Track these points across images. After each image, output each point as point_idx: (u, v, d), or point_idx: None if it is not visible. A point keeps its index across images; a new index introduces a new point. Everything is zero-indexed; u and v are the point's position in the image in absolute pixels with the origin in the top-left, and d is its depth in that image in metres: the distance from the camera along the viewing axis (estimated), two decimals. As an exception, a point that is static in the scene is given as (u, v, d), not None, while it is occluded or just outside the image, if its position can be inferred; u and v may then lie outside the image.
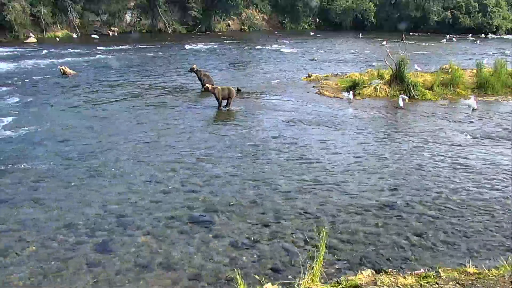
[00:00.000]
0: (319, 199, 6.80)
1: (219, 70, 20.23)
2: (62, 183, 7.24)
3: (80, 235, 5.66)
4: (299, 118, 11.70)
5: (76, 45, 29.63)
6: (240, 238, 5.64)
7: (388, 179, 7.67)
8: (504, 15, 52.18)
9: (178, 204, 6.57)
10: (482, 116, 12.30)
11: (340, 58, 26.16)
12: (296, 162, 8.41)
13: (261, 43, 34.18)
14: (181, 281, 4.79)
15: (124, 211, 6.33)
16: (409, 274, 4.22)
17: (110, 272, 4.90)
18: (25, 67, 19.74)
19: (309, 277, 3.96)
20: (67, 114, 11.87)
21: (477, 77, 15.83)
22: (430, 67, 19.78)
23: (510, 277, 3.92)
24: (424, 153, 9.07)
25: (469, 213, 6.38)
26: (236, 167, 8.12)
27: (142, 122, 11.21)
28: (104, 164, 8.12)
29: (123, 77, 18.07)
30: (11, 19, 31.48)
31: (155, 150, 8.99)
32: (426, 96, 14.59)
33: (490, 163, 8.46)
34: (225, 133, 10.48)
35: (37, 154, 8.58)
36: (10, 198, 6.69)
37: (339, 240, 5.60)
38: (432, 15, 51.43)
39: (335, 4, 52.09)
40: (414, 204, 6.66)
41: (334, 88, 15.83)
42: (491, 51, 30.36)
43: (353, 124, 11.37)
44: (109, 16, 40.13)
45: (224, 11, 46.12)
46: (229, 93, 12.76)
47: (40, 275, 4.84)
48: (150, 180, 7.45)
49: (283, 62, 23.73)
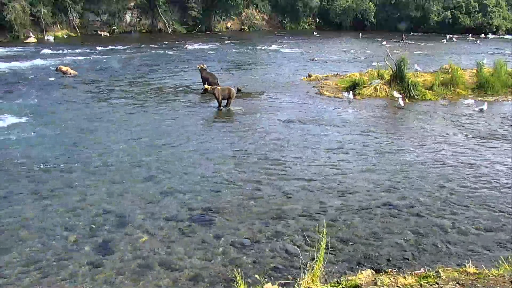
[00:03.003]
0: (319, 199, 6.79)
1: (219, 70, 20.20)
2: (62, 183, 7.24)
3: (80, 235, 5.66)
4: (299, 118, 11.70)
5: (76, 45, 29.62)
6: (240, 238, 5.64)
7: (388, 178, 7.66)
8: (504, 15, 52.18)
9: (178, 204, 6.57)
10: (481, 116, 12.30)
11: (340, 58, 26.16)
12: (296, 162, 8.41)
13: (261, 43, 34.17)
14: (181, 281, 4.79)
15: (124, 211, 6.33)
16: (409, 274, 4.22)
17: (110, 272, 4.90)
18: (25, 67, 19.73)
19: (309, 277, 3.96)
20: (67, 113, 11.86)
21: (477, 77, 15.83)
22: (430, 67, 19.77)
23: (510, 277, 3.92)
24: (424, 152, 9.07)
25: (469, 213, 6.38)
26: (236, 167, 8.11)
27: (142, 122, 11.21)
28: (104, 164, 8.12)
29: (123, 77, 18.07)
30: (11, 19, 31.47)
31: (155, 150, 8.98)
32: (426, 96, 14.59)
33: (490, 162, 8.46)
34: (225, 133, 10.48)
35: (37, 153, 8.57)
36: (10, 197, 6.69)
37: (339, 240, 5.60)
38: (432, 15, 51.44)
39: (335, 4, 52.11)
40: (414, 204, 6.66)
41: (334, 88, 15.83)
42: (491, 51, 30.34)
43: (353, 124, 11.37)
44: (109, 16, 40.13)
45: (224, 11, 46.15)
46: (229, 93, 12.76)
47: (40, 275, 4.84)
48: (150, 180, 7.45)
49: (283, 62, 23.73)
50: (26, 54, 24.23)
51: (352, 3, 51.68)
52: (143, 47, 29.70)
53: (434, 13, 51.49)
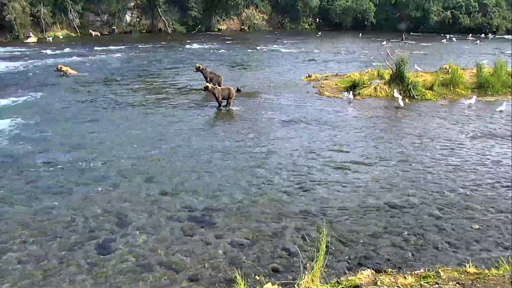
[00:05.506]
0: (319, 199, 6.79)
1: (219, 70, 20.20)
2: (62, 183, 7.25)
3: (80, 235, 5.66)
4: (299, 118, 11.70)
5: (76, 45, 29.63)
6: (240, 238, 5.64)
7: (388, 178, 7.66)
8: (504, 15, 52.13)
9: (178, 204, 6.57)
10: (482, 116, 12.29)
11: (340, 58, 26.16)
12: (296, 161, 8.41)
13: (261, 43, 34.16)
14: (181, 281, 4.79)
15: (124, 211, 6.33)
16: (409, 274, 4.23)
17: (110, 272, 4.90)
18: (25, 67, 19.74)
19: (309, 277, 3.97)
20: (67, 113, 11.86)
21: (477, 77, 15.82)
22: (430, 67, 19.77)
23: (510, 277, 3.92)
24: (424, 152, 9.07)
25: (469, 213, 6.38)
26: (236, 167, 8.11)
27: (141, 121, 11.21)
28: (104, 164, 8.12)
29: (123, 77, 18.08)
30: (11, 19, 31.50)
31: (154, 150, 8.99)
32: (426, 96, 14.58)
33: (490, 162, 8.46)
34: (224, 133, 10.48)
35: (37, 153, 8.57)
36: (9, 196, 6.69)
37: (339, 240, 5.59)
38: (432, 15, 51.42)
39: (335, 4, 52.10)
40: (415, 204, 6.65)
41: (334, 88, 15.83)
42: (491, 51, 30.34)
43: (353, 124, 11.36)
44: (109, 16, 40.15)
45: (224, 11, 46.16)
46: (229, 93, 12.76)
47: (40, 275, 4.84)
48: (150, 179, 7.45)
49: (283, 62, 23.73)
50: (26, 54, 24.25)
51: (352, 3, 51.67)
52: (143, 47, 29.70)
53: (434, 13, 51.47)
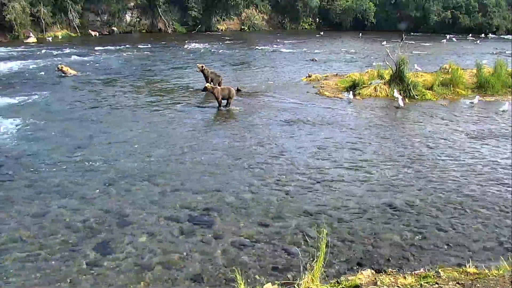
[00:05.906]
0: (319, 199, 6.80)
1: (219, 70, 20.16)
2: (62, 182, 7.24)
3: (80, 235, 5.66)
4: (299, 118, 11.70)
5: (76, 45, 29.63)
6: (240, 238, 5.64)
7: (388, 178, 7.66)
8: (504, 15, 52.11)
9: (178, 204, 6.57)
10: (481, 116, 12.29)
11: (340, 58, 26.17)
12: (296, 162, 8.41)
13: (261, 43, 34.16)
14: (181, 281, 4.79)
15: (124, 211, 6.33)
16: (409, 274, 4.22)
17: (110, 272, 4.90)
18: (25, 67, 19.74)
19: (309, 277, 3.96)
20: (67, 113, 11.87)
21: (477, 77, 15.83)
22: (430, 67, 19.77)
23: (510, 277, 3.92)
24: (424, 152, 9.07)
25: (469, 213, 6.38)
26: (235, 167, 8.11)
27: (141, 121, 11.21)
28: (104, 163, 8.12)
29: (122, 77, 18.08)
30: (11, 19, 31.50)
31: (155, 149, 8.99)
32: (426, 96, 14.58)
33: (490, 162, 8.46)
34: (224, 133, 10.48)
35: (37, 153, 8.57)
36: (9, 196, 6.69)
37: (339, 240, 5.59)
38: (432, 15, 51.38)
39: (335, 4, 52.09)
40: (414, 204, 6.65)
41: (334, 88, 15.83)
42: (491, 51, 30.33)
43: (353, 124, 11.36)
44: (109, 16, 40.14)
45: (224, 11, 46.14)
46: (229, 93, 12.76)
47: (40, 275, 4.84)
48: (150, 179, 7.45)
49: (283, 62, 23.72)
50: (26, 54, 24.25)
51: (352, 3, 51.65)
52: (143, 47, 29.69)
53: (434, 13, 51.44)
